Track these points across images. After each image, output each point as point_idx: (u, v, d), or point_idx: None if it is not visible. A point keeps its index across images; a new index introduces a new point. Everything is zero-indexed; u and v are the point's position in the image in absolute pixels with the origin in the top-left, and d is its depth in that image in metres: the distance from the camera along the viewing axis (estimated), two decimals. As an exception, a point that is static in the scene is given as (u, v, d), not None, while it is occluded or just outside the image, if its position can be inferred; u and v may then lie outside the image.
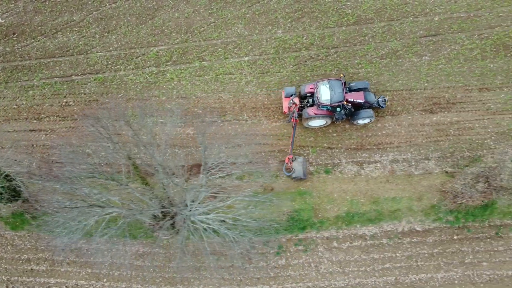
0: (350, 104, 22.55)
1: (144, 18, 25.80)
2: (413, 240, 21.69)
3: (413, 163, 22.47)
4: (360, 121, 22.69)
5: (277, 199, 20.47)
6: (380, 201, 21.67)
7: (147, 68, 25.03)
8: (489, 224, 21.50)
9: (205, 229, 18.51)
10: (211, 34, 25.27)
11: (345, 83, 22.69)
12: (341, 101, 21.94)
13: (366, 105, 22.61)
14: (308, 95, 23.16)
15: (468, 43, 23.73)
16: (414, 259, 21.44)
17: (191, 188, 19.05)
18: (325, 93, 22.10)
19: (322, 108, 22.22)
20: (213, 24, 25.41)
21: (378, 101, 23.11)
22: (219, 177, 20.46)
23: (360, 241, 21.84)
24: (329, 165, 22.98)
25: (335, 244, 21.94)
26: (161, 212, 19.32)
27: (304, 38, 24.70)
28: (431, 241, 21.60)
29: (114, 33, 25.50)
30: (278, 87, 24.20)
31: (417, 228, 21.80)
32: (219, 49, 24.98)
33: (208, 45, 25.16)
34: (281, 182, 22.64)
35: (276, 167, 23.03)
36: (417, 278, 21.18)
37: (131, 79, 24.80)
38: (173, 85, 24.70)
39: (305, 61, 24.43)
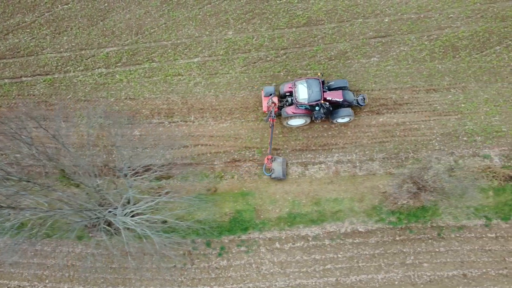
0: (328, 103, 26.07)
1: (95, 20, 30.33)
2: (355, 241, 25.48)
3: (357, 164, 26.41)
4: (340, 120, 26.75)
5: (201, 200, 24.17)
6: (321, 202, 25.61)
7: (96, 70, 29.43)
8: (432, 225, 25.28)
9: (138, 231, 22.21)
10: (162, 35, 29.72)
11: (323, 82, 26.64)
12: (318, 100, 25.75)
13: (345, 104, 26.53)
14: (287, 94, 27.02)
15: (417, 44, 27.92)
16: (355, 260, 25.21)
17: (117, 191, 22.84)
18: (303, 92, 26.02)
19: (300, 107, 25.89)
20: (164, 25, 29.87)
21: (357, 99, 27.02)
22: (156, 179, 24.43)
23: (302, 242, 25.69)
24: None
25: (277, 245, 25.81)
26: (94, 214, 23.10)
27: (254, 40, 29.06)
28: (373, 242, 25.37)
29: (65, 34, 30.02)
30: (227, 88, 28.39)
31: (360, 229, 25.62)
32: (169, 50, 29.38)
33: (158, 46, 29.57)
34: (225, 183, 26.71)
35: (221, 168, 27.05)
36: (357, 279, 24.91)
37: (80, 81, 29.20)
38: (122, 86, 29.02)
39: (254, 62, 28.73)
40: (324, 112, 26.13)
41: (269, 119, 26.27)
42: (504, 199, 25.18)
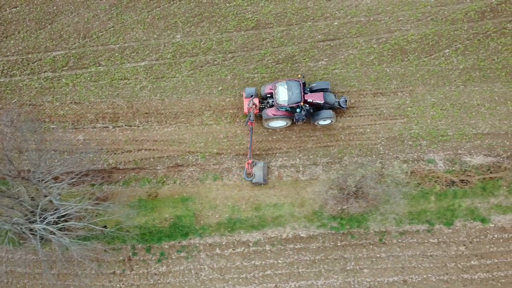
0: (308, 105, 29.65)
1: (43, 23, 34.98)
2: (296, 247, 29.41)
3: (300, 169, 30.51)
4: (321, 122, 30.29)
5: (115, 206, 27.99)
6: (261, 207, 29.63)
7: (43, 74, 33.95)
8: (374, 230, 29.11)
9: (54, 240, 26.03)
10: (109, 39, 34.25)
11: (304, 83, 30.29)
12: (298, 102, 29.26)
13: (327, 106, 30.04)
14: (268, 95, 30.79)
15: (365, 48, 32.20)
16: (295, 266, 29.11)
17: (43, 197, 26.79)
18: (283, 94, 29.66)
19: (281, 109, 29.57)
20: (112, 28, 34.43)
21: (339, 101, 30.56)
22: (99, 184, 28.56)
23: (243, 248, 29.66)
24: (217, 171, 31.03)
25: (217, 250, 29.80)
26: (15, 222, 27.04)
27: (202, 43, 33.52)
28: (314, 247, 29.28)
29: (13, 38, 34.64)
30: (173, 92, 32.73)
31: (302, 234, 29.57)
32: (116, 54, 33.86)
33: (105, 50, 34.08)
34: (166, 188, 30.85)
35: (163, 173, 31.26)
36: (297, 285, 28.78)
37: (25, 85, 33.73)
38: (68, 90, 33.47)
39: (202, 66, 33.13)
40: (305, 114, 29.55)
41: (248, 123, 29.75)
42: (446, 204, 28.93)
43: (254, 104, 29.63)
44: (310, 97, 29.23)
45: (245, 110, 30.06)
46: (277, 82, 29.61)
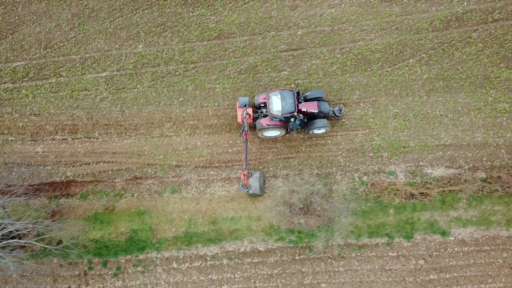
0: (302, 115, 32.05)
1: (4, 33, 37.83)
2: (254, 261, 31.77)
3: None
4: (316, 131, 32.65)
5: (56, 224, 30.54)
6: (218, 221, 32.05)
7: (2, 85, 36.72)
8: (332, 244, 31.44)
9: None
10: (71, 49, 37.04)
11: (298, 93, 32.76)
12: (292, 112, 31.68)
13: (321, 115, 32.48)
14: (261, 105, 33.27)
15: (328, 58, 34.79)
16: (252, 280, 31.45)
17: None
18: (276, 104, 32.10)
19: (274, 119, 32.04)
20: (73, 39, 37.24)
21: (333, 110, 33.03)
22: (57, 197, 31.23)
23: (200, 262, 32.06)
24: (176, 184, 33.54)
25: (174, 264, 32.21)
26: None
27: (164, 53, 36.22)
28: (272, 261, 31.64)
29: (-27, 49, 37.48)
30: (134, 103, 35.35)
31: (260, 248, 31.94)
32: (77, 65, 36.63)
33: (66, 61, 36.86)
34: (124, 201, 33.38)
35: (122, 186, 33.80)
36: None
37: (-15, 96, 36.45)
38: (28, 101, 36.19)
39: (163, 77, 35.81)
40: (299, 123, 31.99)
41: (243, 134, 32.11)
42: (405, 217, 31.23)
43: (247, 114, 32.02)
44: (304, 107, 31.71)
45: (239, 120, 32.54)
46: (271, 91, 32.24)
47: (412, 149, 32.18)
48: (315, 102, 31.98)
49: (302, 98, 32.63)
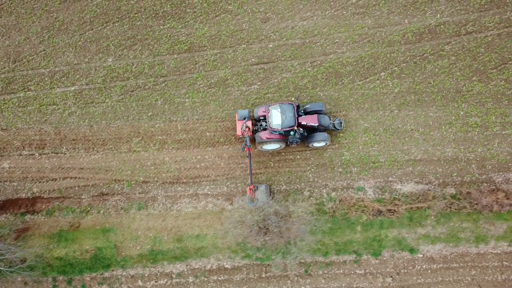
0: (302, 129, 34.13)
1: None
2: (220, 278, 33.90)
3: (228, 197, 35.14)
4: (316, 144, 34.72)
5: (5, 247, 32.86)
6: (183, 239, 34.23)
7: None
8: (300, 261, 33.54)
9: None
10: (40, 63, 39.53)
11: (298, 106, 34.87)
12: (292, 126, 33.67)
13: (321, 128, 34.60)
14: (261, 118, 35.39)
15: (299, 71, 37.06)
16: None
17: None
18: (276, 118, 34.14)
19: (274, 133, 34.18)
20: (43, 52, 39.74)
21: (333, 123, 35.10)
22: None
23: (165, 280, 34.23)
24: (142, 200, 35.81)
25: (139, 282, 34.39)
26: None
27: (133, 67, 38.64)
28: (238, 279, 33.74)
29: None
30: (102, 117, 37.70)
31: (226, 266, 34.07)
32: (46, 79, 39.09)
33: (35, 75, 39.34)
34: (89, 218, 35.64)
35: (88, 202, 36.09)
36: None
37: (-48, 111, 38.96)
38: None
39: (132, 91, 38.19)
40: (299, 137, 34.06)
41: (245, 149, 34.22)
42: (372, 234, 33.27)
43: (247, 127, 34.09)
44: (304, 120, 33.77)
45: (238, 133, 34.66)
46: (270, 105, 34.34)
47: (382, 164, 34.17)
48: (315, 116, 34.01)
49: (302, 111, 34.63)
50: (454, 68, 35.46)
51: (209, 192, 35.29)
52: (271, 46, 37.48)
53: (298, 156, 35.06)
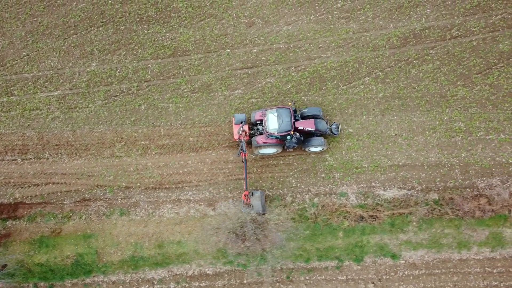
0: (298, 134, 35.21)
1: None
2: (201, 284, 34.94)
3: (210, 203, 36.23)
4: (312, 149, 35.80)
5: None
6: (165, 245, 35.30)
7: None
8: (281, 267, 34.58)
9: None
10: (23, 68, 40.75)
11: (295, 110, 35.90)
12: (288, 131, 34.68)
13: (318, 133, 35.65)
14: (258, 122, 36.46)
15: (284, 76, 38.20)
16: None
17: None
18: (272, 122, 35.22)
19: (271, 137, 35.24)
20: (26, 56, 40.97)
21: (330, 128, 36.13)
22: None
23: (147, 286, 35.30)
24: (125, 206, 36.93)
25: None
26: None
27: (117, 71, 39.83)
28: (220, 285, 34.79)
29: None
30: (86, 122, 38.86)
31: (208, 272, 35.13)
32: (30, 83, 40.30)
33: (19, 79, 40.55)
34: (71, 224, 36.76)
35: (70, 208, 37.22)
36: None
37: None
38: None
39: (116, 96, 39.36)
40: (295, 141, 35.10)
41: (241, 154, 35.25)
42: (354, 240, 34.28)
43: (244, 131, 35.20)
44: (301, 124, 34.83)
45: (235, 137, 35.72)
46: (267, 109, 35.41)
47: (365, 169, 35.23)
48: (312, 120, 35.05)
49: (299, 116, 35.59)
50: (439, 73, 36.44)
51: (192, 198, 36.20)
52: (255, 50, 38.56)
53: (281, 162, 36.06)
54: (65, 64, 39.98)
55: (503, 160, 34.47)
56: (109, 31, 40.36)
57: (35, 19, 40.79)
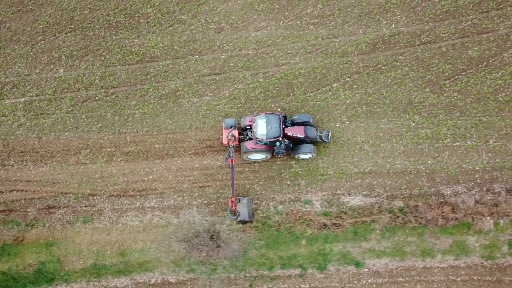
0: (287, 140, 37.09)
1: None
2: None
3: (174, 211, 38.19)
4: (302, 156, 37.74)
5: None
6: (127, 253, 37.23)
7: None
8: (245, 275, 36.44)
9: None
10: None
11: (285, 117, 37.90)
12: (277, 137, 36.58)
13: (307, 140, 37.60)
14: (247, 127, 38.47)
15: (251, 82, 40.25)
16: None
17: None
18: (261, 128, 37.15)
19: (259, 143, 37.23)
20: None
21: (320, 135, 37.95)
22: None
23: None
24: (88, 213, 38.93)
25: None
26: None
27: (84, 78, 41.99)
28: None
29: None
30: (52, 129, 40.94)
31: (171, 280, 37.01)
32: None
33: None
34: (34, 232, 38.73)
35: (34, 215, 39.23)
36: None
37: None
38: None
39: (82, 102, 41.48)
40: (284, 148, 37.03)
41: (228, 160, 37.19)
42: (317, 248, 36.10)
43: (233, 136, 37.10)
44: (290, 131, 36.72)
45: (224, 142, 37.70)
46: (256, 115, 37.32)
47: (330, 177, 37.11)
48: (302, 127, 36.86)
49: (289, 122, 37.46)
50: (407, 79, 38.37)
51: (156, 205, 38.12)
52: (223, 56, 40.65)
53: (246, 169, 37.97)
54: (32, 70, 42.08)
55: (470, 167, 36.10)
56: (77, 37, 42.50)
57: (3, 24, 43.00)
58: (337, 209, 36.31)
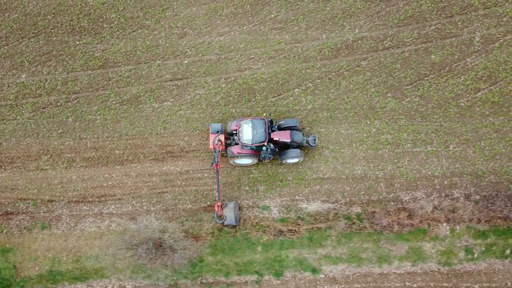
0: (272, 145, 39.32)
1: None
2: None
3: (132, 217, 40.67)
4: (289, 160, 39.98)
5: None
6: (82, 260, 39.65)
7: None
8: (202, 281, 38.81)
9: None
10: None
11: (271, 122, 40.23)
12: (263, 142, 38.76)
13: (294, 145, 39.91)
14: (234, 132, 40.77)
15: (213, 88, 42.80)
16: None
17: None
18: (247, 133, 39.31)
19: (245, 148, 39.51)
20: None
21: (307, 140, 40.23)
22: None
23: None
24: (47, 219, 41.45)
25: None
26: None
27: (47, 83, 44.66)
28: None
29: None
30: (12, 135, 43.56)
31: (128, 286, 39.41)
32: None
33: None
34: None
35: None
36: None
37: None
38: None
39: (44, 108, 44.12)
40: (270, 152, 39.24)
41: (213, 165, 39.40)
42: (273, 254, 38.43)
43: (219, 140, 39.24)
44: (277, 136, 38.88)
45: (211, 146, 39.91)
46: (242, 120, 39.64)
47: (289, 182, 39.48)
48: (288, 132, 38.98)
49: (276, 127, 39.71)
50: (369, 84, 40.78)
51: (114, 211, 40.57)
52: (186, 62, 43.25)
53: (206, 175, 40.44)
54: (-6, 75, 44.57)
55: (429, 173, 38.39)
56: (40, 42, 45.23)
57: (-33, 30, 45.54)
58: (295, 215, 38.57)
